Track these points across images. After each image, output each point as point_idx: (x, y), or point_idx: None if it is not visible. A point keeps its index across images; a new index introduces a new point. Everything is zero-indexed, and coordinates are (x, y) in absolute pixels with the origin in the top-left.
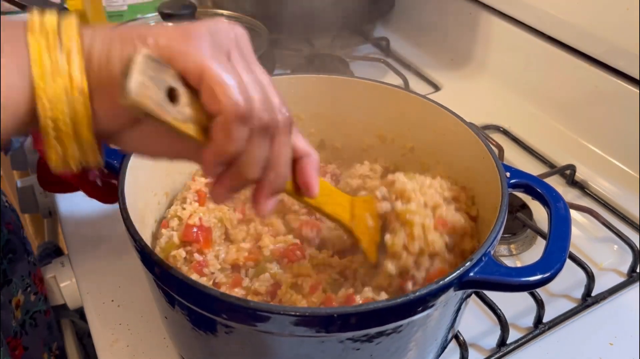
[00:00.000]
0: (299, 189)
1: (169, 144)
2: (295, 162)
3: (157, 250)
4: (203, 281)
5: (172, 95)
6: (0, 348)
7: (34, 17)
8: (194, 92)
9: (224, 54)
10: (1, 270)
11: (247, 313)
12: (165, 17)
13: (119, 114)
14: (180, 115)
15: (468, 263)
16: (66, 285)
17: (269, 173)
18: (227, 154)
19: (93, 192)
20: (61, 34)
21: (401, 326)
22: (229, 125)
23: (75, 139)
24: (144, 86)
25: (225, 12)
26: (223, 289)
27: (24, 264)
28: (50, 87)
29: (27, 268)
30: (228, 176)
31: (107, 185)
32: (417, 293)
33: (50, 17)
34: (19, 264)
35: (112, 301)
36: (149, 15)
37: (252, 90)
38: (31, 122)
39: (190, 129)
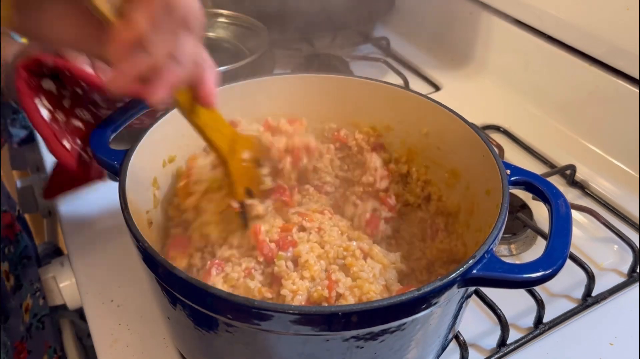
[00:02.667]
0: (193, 101)
1: (76, 29)
2: (198, 71)
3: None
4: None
5: None
6: (3, 353)
7: None
8: None
9: None
10: (15, 276)
11: (251, 313)
12: None
13: None
14: None
15: (471, 261)
16: (66, 285)
17: (172, 66)
18: (142, 37)
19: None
20: None
21: (405, 323)
22: (155, 10)
23: None
24: None
25: (225, 11)
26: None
27: (34, 269)
28: None
29: (36, 272)
30: (137, 61)
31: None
32: (421, 291)
33: None
34: (29, 269)
35: (112, 301)
36: None
37: None
38: None
39: (103, 5)
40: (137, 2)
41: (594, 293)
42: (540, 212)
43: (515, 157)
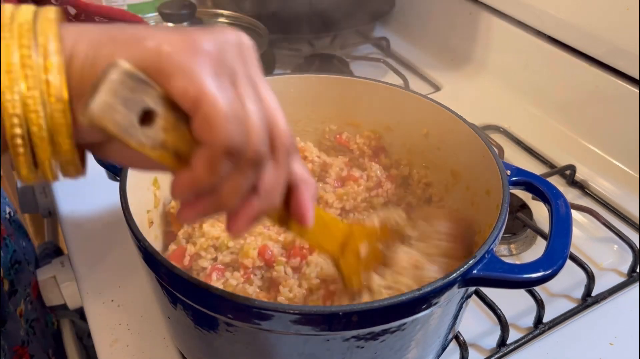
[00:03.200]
0: (290, 217)
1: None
2: (291, 189)
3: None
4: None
5: (147, 117)
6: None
7: (5, 10)
8: (179, 112)
9: (228, 76)
10: (9, 281)
11: (251, 312)
12: (165, 17)
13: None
14: (149, 139)
15: (471, 261)
16: (66, 285)
17: (252, 200)
18: (203, 185)
19: None
20: (37, 32)
21: (405, 323)
22: (215, 159)
23: (53, 150)
24: (109, 108)
25: (225, 12)
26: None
27: (26, 274)
28: (23, 96)
29: (29, 277)
30: (202, 202)
31: None
32: (422, 291)
33: (26, 10)
34: (22, 274)
35: (112, 301)
36: (149, 15)
37: (254, 122)
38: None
39: (158, 155)
40: (201, 147)
41: (593, 293)
42: (540, 212)
43: (515, 157)
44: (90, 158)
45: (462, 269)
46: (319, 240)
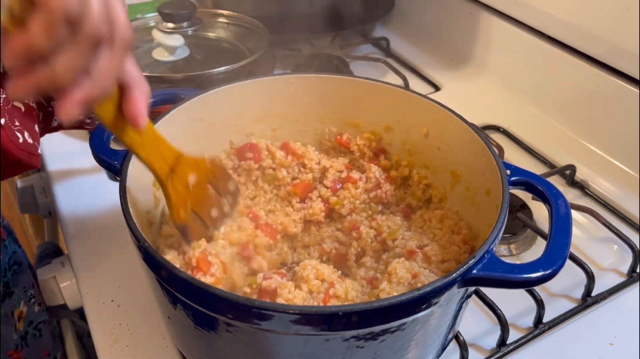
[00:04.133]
0: (124, 121)
1: None
2: (124, 88)
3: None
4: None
5: None
6: None
7: None
8: None
9: None
10: (2, 283)
11: (251, 312)
12: (165, 17)
13: None
14: None
15: (471, 261)
16: (66, 285)
17: (84, 81)
18: (37, 49)
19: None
20: None
21: (405, 323)
22: (51, 20)
23: None
24: None
25: (225, 12)
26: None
27: (26, 276)
28: None
29: (30, 279)
30: (35, 73)
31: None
32: (422, 291)
33: None
34: (22, 276)
35: (112, 301)
36: (149, 15)
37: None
38: None
39: None
40: (37, 10)
41: (593, 293)
42: (540, 212)
43: (515, 157)
44: (91, 161)
45: (462, 269)
46: (149, 156)
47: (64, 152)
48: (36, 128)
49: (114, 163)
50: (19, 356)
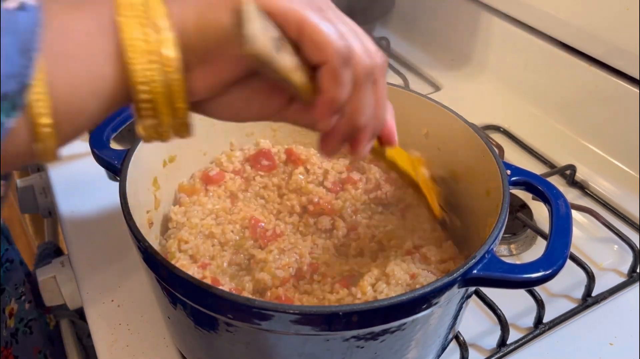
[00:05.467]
0: (380, 139)
1: (260, 105)
2: None
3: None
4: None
5: (277, 44)
6: None
7: None
8: (293, 45)
9: (317, 8)
10: None
11: (251, 312)
12: None
13: (213, 83)
14: (288, 63)
15: (471, 261)
16: (66, 285)
17: (370, 119)
18: (339, 101)
19: None
20: (148, 10)
21: (405, 323)
22: (337, 71)
23: (172, 114)
24: (263, 29)
25: None
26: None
27: (18, 273)
28: (145, 68)
29: (21, 276)
30: (340, 126)
31: None
32: (422, 291)
33: None
34: (13, 273)
35: (112, 301)
36: None
37: (350, 37)
38: (120, 103)
39: (299, 77)
40: (320, 67)
41: (593, 293)
42: (540, 212)
43: (515, 157)
44: (91, 161)
45: (462, 269)
46: (399, 161)
47: (64, 151)
48: None
49: (114, 163)
50: (8, 353)
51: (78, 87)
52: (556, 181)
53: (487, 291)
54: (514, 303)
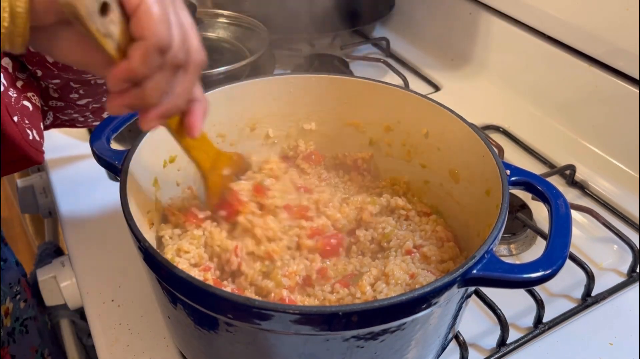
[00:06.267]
0: (182, 127)
1: (84, 53)
2: (189, 102)
3: None
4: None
5: (104, 9)
6: None
7: None
8: (125, 16)
9: None
10: None
11: (251, 312)
12: None
13: (47, 7)
14: (104, 28)
15: (471, 261)
16: (66, 285)
17: (165, 101)
18: (136, 75)
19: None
20: None
21: (405, 323)
22: (148, 52)
23: (11, 20)
24: None
25: (225, 12)
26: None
27: (12, 272)
28: None
29: (16, 275)
30: (130, 94)
31: None
32: (421, 291)
33: None
34: (8, 272)
35: (112, 301)
36: None
37: (175, 30)
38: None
39: (107, 44)
40: (136, 42)
41: (593, 293)
42: (540, 212)
43: (515, 157)
44: (91, 161)
45: (462, 269)
46: (198, 154)
47: (65, 152)
48: (41, 126)
49: (114, 163)
50: (5, 352)
51: None
52: (556, 181)
53: (487, 291)
54: (514, 303)
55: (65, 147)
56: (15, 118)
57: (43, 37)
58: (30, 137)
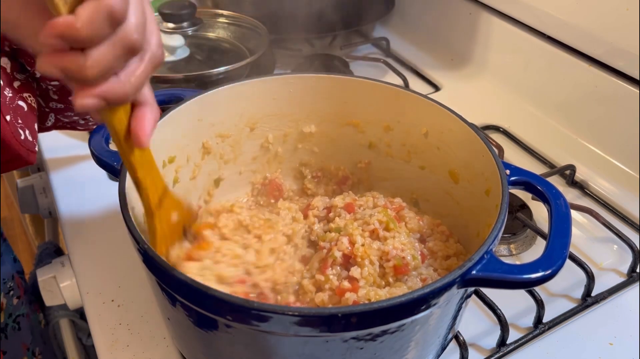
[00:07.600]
0: (130, 137)
1: (25, 6)
2: (136, 107)
3: None
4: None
5: None
6: None
7: None
8: None
9: None
10: None
11: (250, 314)
12: (165, 17)
13: None
14: None
15: (470, 261)
16: (66, 285)
17: (110, 80)
18: (78, 34)
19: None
20: None
21: (404, 324)
22: (97, 12)
23: None
24: None
25: (225, 12)
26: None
27: (6, 268)
28: None
29: (10, 272)
30: (67, 56)
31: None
32: (421, 292)
33: None
34: (2, 268)
35: (112, 301)
36: None
37: (134, 9)
38: None
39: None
40: (87, 4)
41: (593, 293)
42: (540, 212)
43: (515, 157)
44: (91, 161)
45: (461, 269)
46: (145, 177)
47: (64, 152)
48: (35, 127)
49: (113, 165)
50: None
51: None
52: (556, 181)
53: (487, 291)
54: (514, 303)
55: (65, 147)
56: (8, 117)
57: None
58: (22, 137)
